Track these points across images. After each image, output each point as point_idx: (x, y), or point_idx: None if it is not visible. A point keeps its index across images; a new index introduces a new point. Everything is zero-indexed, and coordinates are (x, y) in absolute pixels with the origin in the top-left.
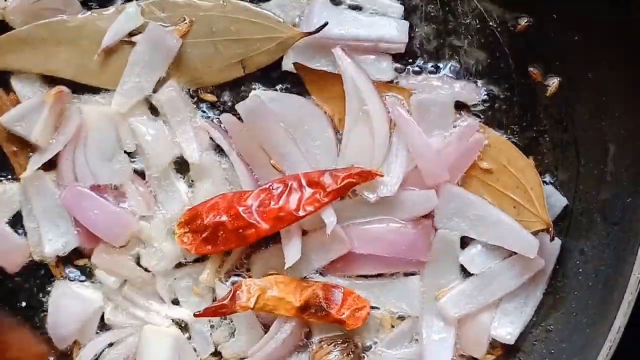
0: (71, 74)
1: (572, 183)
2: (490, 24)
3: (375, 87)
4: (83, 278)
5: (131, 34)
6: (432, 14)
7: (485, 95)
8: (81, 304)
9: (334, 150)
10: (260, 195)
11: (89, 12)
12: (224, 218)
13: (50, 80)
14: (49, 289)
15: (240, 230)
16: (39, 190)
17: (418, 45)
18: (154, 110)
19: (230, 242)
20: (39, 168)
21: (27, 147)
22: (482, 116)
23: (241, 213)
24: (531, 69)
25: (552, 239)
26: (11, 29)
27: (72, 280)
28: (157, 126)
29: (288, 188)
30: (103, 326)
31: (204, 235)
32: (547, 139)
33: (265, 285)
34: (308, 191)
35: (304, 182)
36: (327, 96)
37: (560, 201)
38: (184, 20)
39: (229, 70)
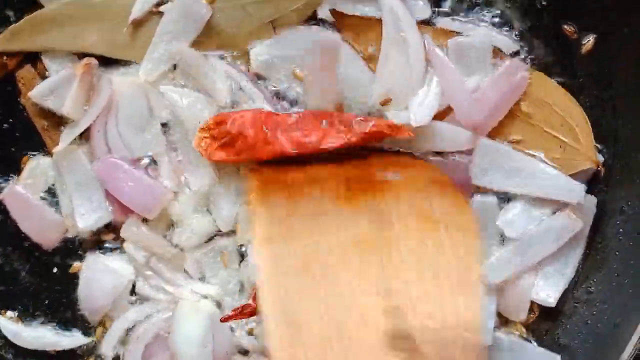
0: (102, 50)
1: (610, 142)
2: None
3: (412, 16)
4: (114, 252)
5: (158, 4)
6: None
7: (521, 45)
8: (112, 277)
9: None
10: (289, 120)
11: None
12: (249, 130)
13: (79, 54)
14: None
15: (259, 145)
16: (72, 165)
17: None
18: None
19: (245, 153)
20: (71, 142)
21: (58, 121)
22: None
23: (265, 129)
24: (565, 26)
25: (598, 174)
26: (41, 6)
27: (103, 254)
28: (188, 92)
29: (318, 121)
30: (135, 300)
31: (222, 141)
32: (585, 97)
33: None
34: (337, 128)
35: (335, 120)
36: (363, 39)
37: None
38: None
39: (258, 32)
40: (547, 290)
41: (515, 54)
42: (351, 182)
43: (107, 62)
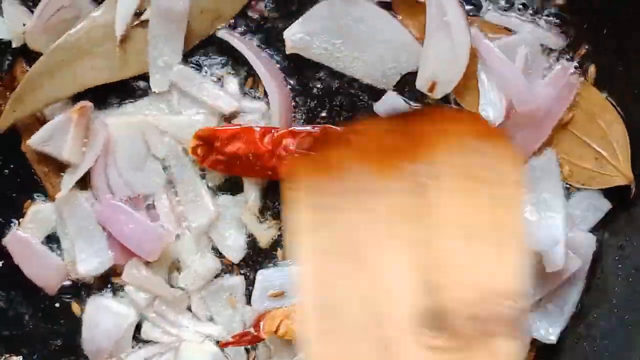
0: (103, 79)
1: None
2: None
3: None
4: (117, 293)
5: (138, 15)
6: None
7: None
8: (114, 319)
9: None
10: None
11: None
12: (241, 148)
13: (73, 97)
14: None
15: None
16: (73, 210)
17: None
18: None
19: (240, 169)
20: (72, 187)
21: (58, 167)
22: None
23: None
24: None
25: (632, 197)
26: (35, 53)
27: (106, 296)
28: (183, 119)
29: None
30: (138, 342)
31: (219, 157)
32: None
33: (288, 312)
34: None
35: None
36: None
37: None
38: None
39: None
40: (547, 327)
41: (563, 55)
42: (389, 149)
43: (100, 103)
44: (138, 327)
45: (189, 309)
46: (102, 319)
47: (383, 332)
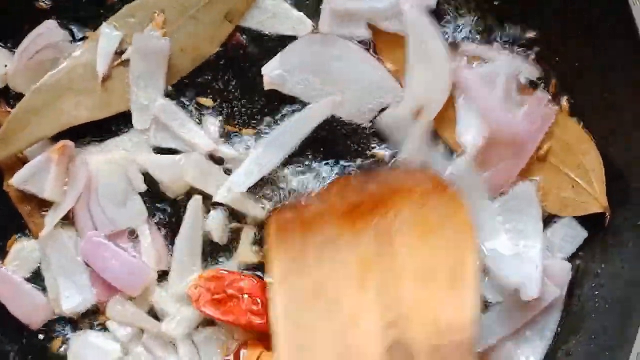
0: (85, 117)
1: None
2: None
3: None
4: (102, 327)
5: (120, 54)
6: None
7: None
8: (98, 355)
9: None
10: None
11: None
12: (244, 296)
13: (53, 136)
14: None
15: (249, 315)
16: (57, 248)
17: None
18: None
19: (234, 316)
20: (56, 225)
21: (40, 205)
22: None
23: (257, 301)
24: None
25: (607, 225)
26: (16, 93)
27: (90, 332)
28: (163, 159)
29: None
30: None
31: (215, 296)
32: None
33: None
34: None
35: None
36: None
37: (581, 233)
38: (156, 13)
39: (218, 31)
40: (528, 355)
41: (539, 85)
42: (354, 204)
43: (81, 140)
44: None
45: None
46: (86, 354)
47: None
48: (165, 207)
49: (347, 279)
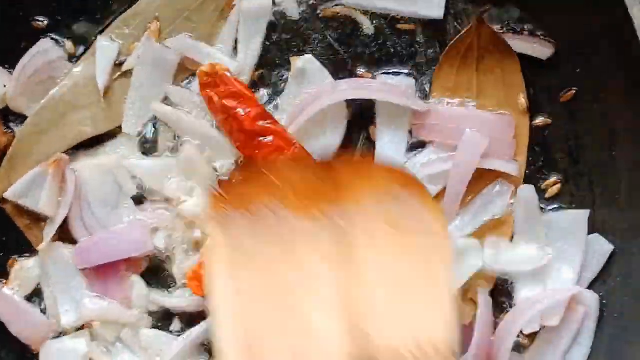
0: (90, 132)
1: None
2: None
3: None
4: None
5: (119, 65)
6: None
7: None
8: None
9: None
10: None
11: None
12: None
13: None
14: None
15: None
16: (56, 261)
17: None
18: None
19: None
20: (56, 239)
21: (39, 218)
22: None
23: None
24: None
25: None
26: (17, 115)
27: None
28: (150, 162)
29: None
30: None
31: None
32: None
33: None
34: None
35: None
36: None
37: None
38: (150, 23)
39: (215, 29)
40: None
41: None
42: (312, 193)
43: (70, 150)
44: None
45: None
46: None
47: None
48: None
49: (302, 277)
